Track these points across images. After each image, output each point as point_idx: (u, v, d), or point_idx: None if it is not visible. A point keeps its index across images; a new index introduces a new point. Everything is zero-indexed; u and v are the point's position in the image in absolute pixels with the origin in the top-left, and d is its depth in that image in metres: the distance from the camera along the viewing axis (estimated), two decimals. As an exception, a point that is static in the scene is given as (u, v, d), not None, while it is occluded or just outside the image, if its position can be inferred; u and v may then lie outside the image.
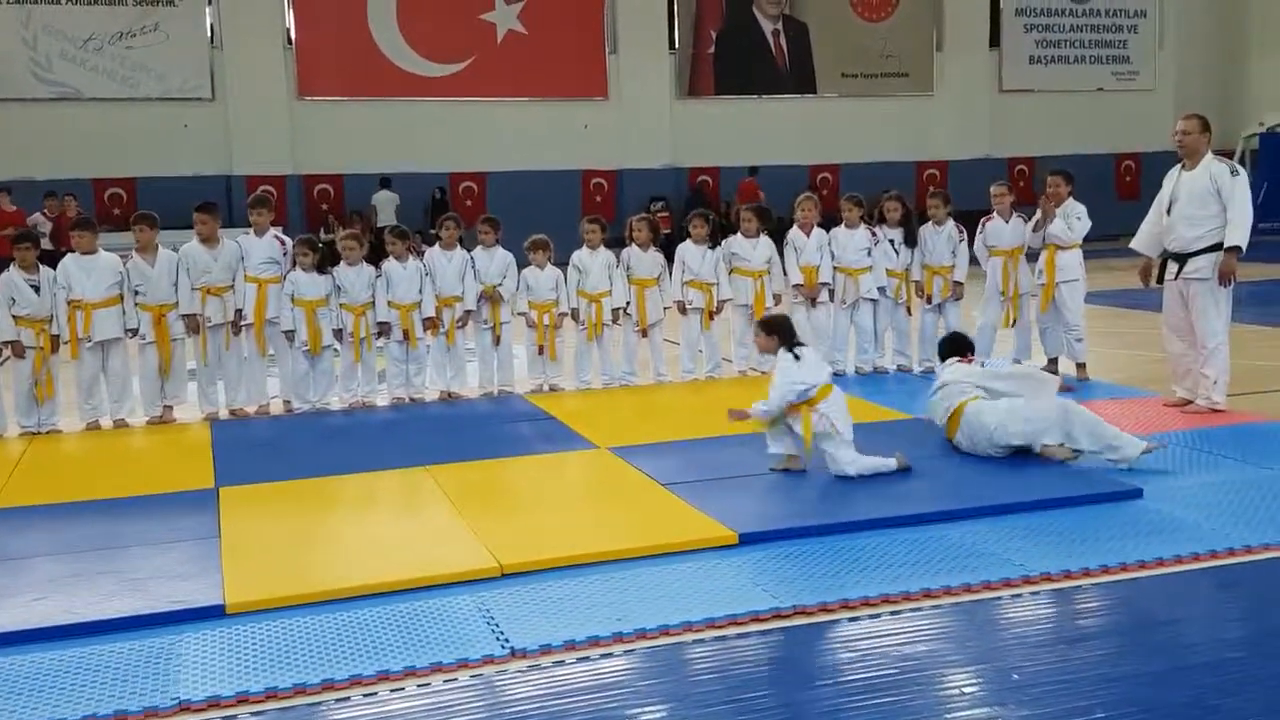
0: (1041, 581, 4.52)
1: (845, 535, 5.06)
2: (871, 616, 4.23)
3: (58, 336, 7.66)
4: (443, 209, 18.68)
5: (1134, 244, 7.73)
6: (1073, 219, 8.46)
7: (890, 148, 22.69)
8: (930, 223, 9.07)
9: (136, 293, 7.81)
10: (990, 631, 4.15)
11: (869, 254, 9.02)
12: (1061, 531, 5.06)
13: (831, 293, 9.02)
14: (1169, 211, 7.35)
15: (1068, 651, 3.92)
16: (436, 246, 8.66)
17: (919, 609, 4.29)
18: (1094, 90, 24.56)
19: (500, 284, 8.54)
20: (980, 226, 8.97)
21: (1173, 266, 7.37)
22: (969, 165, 22.22)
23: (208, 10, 19.57)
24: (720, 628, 4.12)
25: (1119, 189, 23.90)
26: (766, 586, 4.47)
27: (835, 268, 8.99)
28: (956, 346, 7.13)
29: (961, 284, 9.00)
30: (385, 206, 19.00)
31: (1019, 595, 4.43)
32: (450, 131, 20.62)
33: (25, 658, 3.98)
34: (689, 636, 4.06)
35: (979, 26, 23.80)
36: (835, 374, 8.85)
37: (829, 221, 9.52)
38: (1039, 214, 8.54)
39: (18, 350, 7.56)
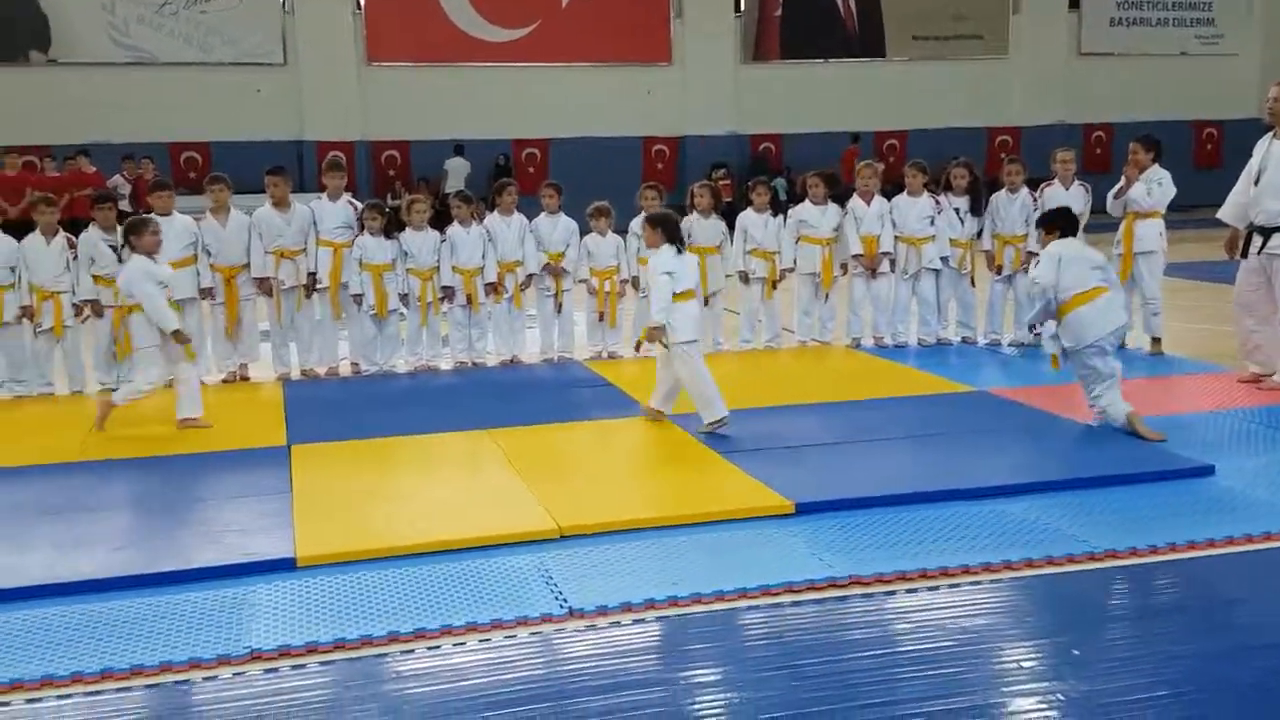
0: (1106, 558, 4.49)
1: (904, 507, 5.06)
2: (929, 589, 4.25)
3: (135, 295, 7.87)
4: (506, 175, 18.78)
5: (1221, 214, 7.53)
6: (1153, 184, 8.30)
7: (961, 113, 22.25)
8: (1004, 190, 8.94)
9: (209, 253, 8.00)
10: (1051, 607, 4.13)
11: (932, 223, 8.92)
12: (1129, 508, 5.02)
13: (893, 263, 8.96)
14: (1257, 182, 7.16)
15: (1132, 628, 3.92)
16: (495, 212, 8.75)
17: (978, 583, 4.29)
18: (1176, 54, 23.86)
19: (564, 252, 8.60)
20: (1039, 191, 8.83)
21: (1256, 240, 7.18)
22: (1043, 131, 21.72)
23: (279, -25, 19.81)
24: (775, 595, 4.17)
25: (1198, 158, 23.24)
26: (823, 556, 4.50)
27: (897, 237, 8.92)
28: (1069, 220, 6.73)
29: (1035, 254, 8.85)
30: (457, 173, 19.17)
31: (1083, 571, 4.40)
32: (514, 98, 20.66)
33: (106, 605, 4.16)
34: (743, 603, 4.12)
35: (1058, -13, 23.19)
36: (897, 346, 8.92)
37: (895, 190, 9.43)
38: (1122, 181, 8.41)
39: (96, 309, 7.80)
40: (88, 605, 4.15)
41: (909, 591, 4.23)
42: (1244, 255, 7.33)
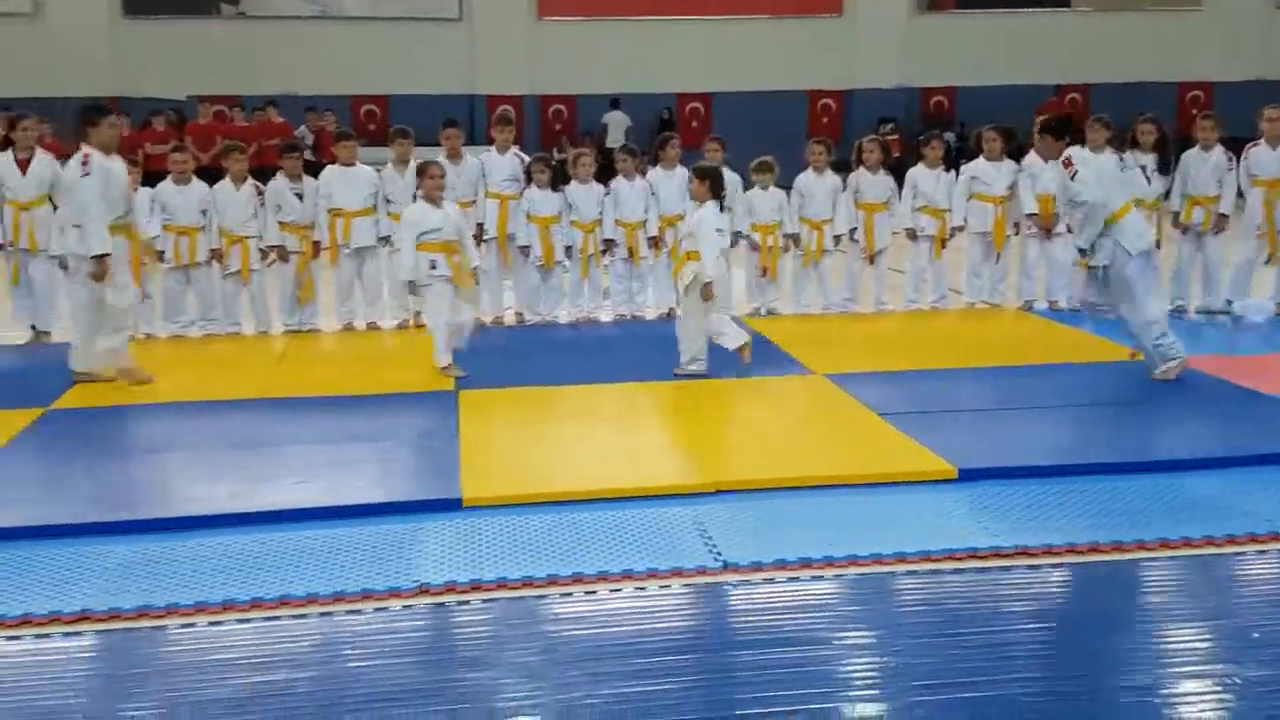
0: (1288, 537, 4.26)
1: (1074, 478, 4.89)
2: (1101, 563, 4.11)
3: (318, 242, 8.23)
4: (668, 129, 18.77)
5: None
6: None
7: (1148, 67, 21.04)
8: (1196, 148, 8.46)
9: (389, 201, 8.27)
10: (1230, 586, 3.96)
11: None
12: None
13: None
14: None
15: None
16: (658, 166, 8.75)
17: (1154, 559, 4.13)
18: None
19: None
20: (1244, 153, 8.30)
21: None
22: (1238, 88, 20.35)
23: (457, -69, 20.19)
24: (935, 561, 4.10)
25: None
26: (987, 524, 4.40)
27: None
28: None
29: (1227, 216, 8.38)
30: (617, 126, 19.30)
31: (1264, 551, 4.19)
32: (678, 51, 20.60)
33: (285, 535, 4.39)
34: (902, 567, 4.07)
35: (1258, -66, 21.64)
36: (1072, 310, 8.58)
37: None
38: None
39: (282, 254, 8.19)
40: (269, 535, 4.39)
41: (1077, 565, 4.10)
42: None
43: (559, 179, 8.62)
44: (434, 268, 6.69)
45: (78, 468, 5.24)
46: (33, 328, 8.07)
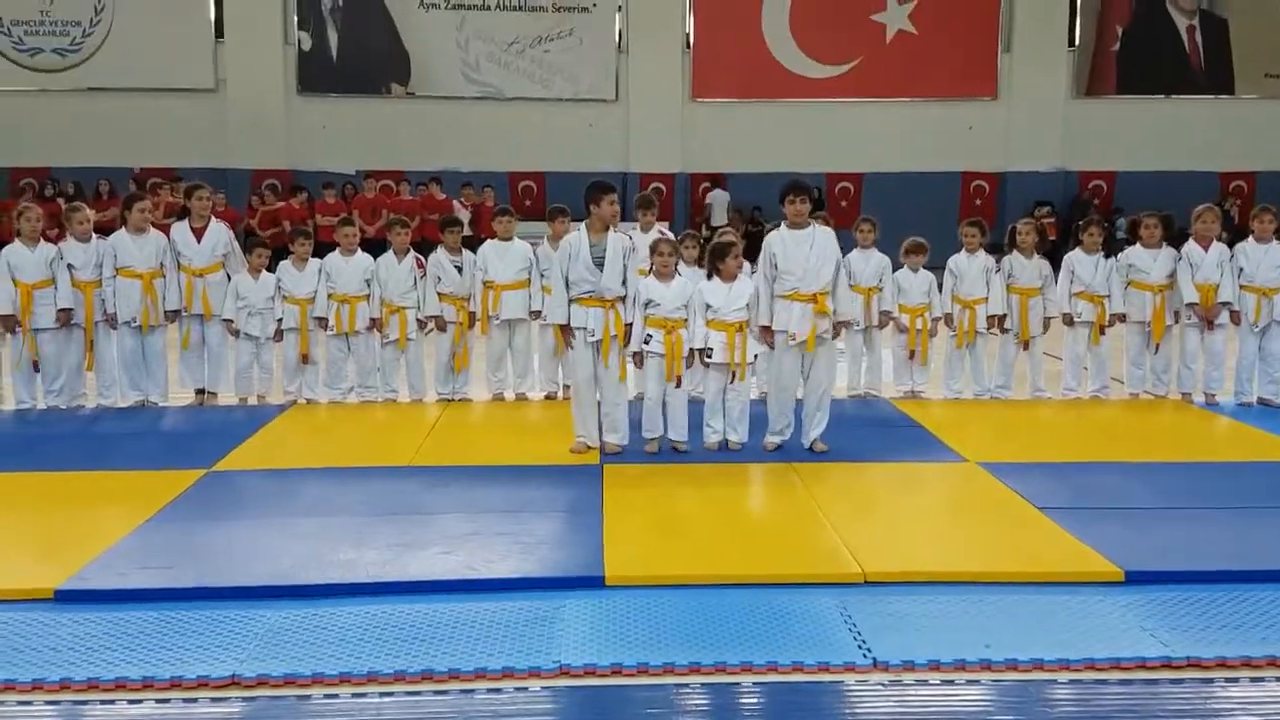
0: None
1: (1249, 585, 4.58)
2: (1278, 679, 3.82)
3: (474, 313, 8.44)
4: (819, 209, 18.72)
5: None
6: None
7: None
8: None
9: (543, 276, 8.44)
10: None
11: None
12: None
13: (1235, 314, 8.20)
14: None
15: None
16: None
17: (1336, 678, 3.82)
18: None
19: (878, 287, 8.45)
20: None
21: None
22: None
23: (617, 17, 20.79)
24: (1100, 670, 3.87)
25: None
26: (1155, 632, 4.14)
27: (1244, 286, 8.17)
28: None
29: None
30: (720, 206, 19.46)
31: None
32: (829, 131, 20.65)
33: (430, 607, 4.41)
34: (1064, 675, 3.85)
35: None
36: (1241, 405, 8.14)
37: (1236, 236, 8.66)
38: None
39: (440, 324, 8.42)
40: (413, 606, 4.41)
41: (1254, 680, 3.83)
42: None
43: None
44: (647, 342, 6.76)
45: (233, 530, 5.40)
46: (199, 390, 8.47)
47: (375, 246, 8.83)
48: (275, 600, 4.48)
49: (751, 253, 7.45)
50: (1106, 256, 8.64)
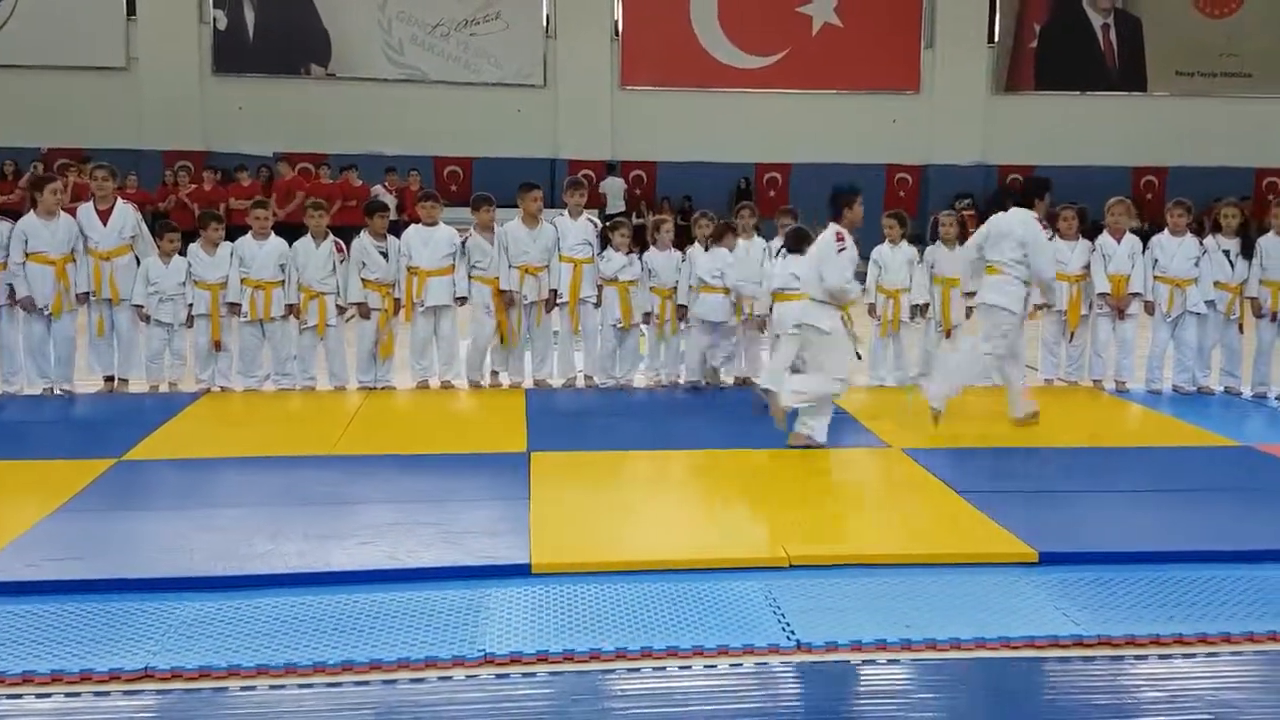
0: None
1: (1157, 565, 4.72)
2: (1185, 655, 3.95)
3: (399, 300, 8.33)
4: (747, 198, 18.84)
5: None
6: None
7: (1227, 152, 20.80)
8: (1271, 233, 8.29)
9: (475, 267, 8.34)
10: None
11: (1196, 264, 8.35)
12: None
13: (1148, 305, 8.44)
14: None
15: None
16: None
17: (1239, 653, 3.97)
18: None
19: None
20: None
21: None
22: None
23: (544, 1, 20.61)
24: (1015, 649, 3.96)
25: None
26: (1067, 611, 4.24)
27: (1158, 277, 8.41)
28: None
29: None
30: (615, 193, 19.28)
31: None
32: (758, 122, 20.76)
33: (351, 597, 4.33)
34: (982, 654, 3.93)
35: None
36: (1151, 392, 8.38)
37: (1152, 229, 8.91)
38: None
39: (364, 311, 8.29)
40: (333, 597, 4.33)
41: (1162, 658, 3.94)
42: None
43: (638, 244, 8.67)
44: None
45: (146, 521, 5.27)
46: (108, 378, 8.23)
47: (290, 232, 8.64)
48: (190, 592, 4.38)
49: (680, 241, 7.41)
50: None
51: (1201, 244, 8.45)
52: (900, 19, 21.08)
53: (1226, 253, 8.37)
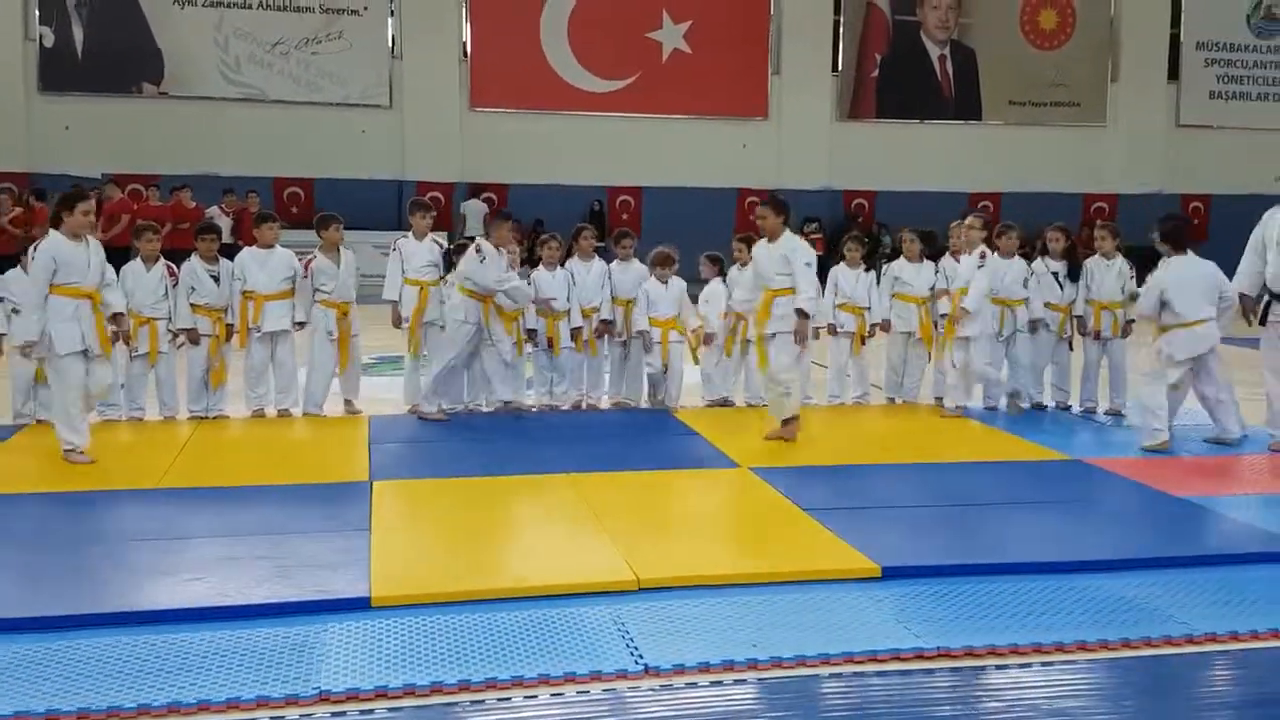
0: (1205, 641, 4.25)
1: (997, 577, 4.84)
2: (1021, 665, 4.05)
3: (232, 325, 7.99)
4: (600, 221, 18.90)
5: (1236, 286, 7.55)
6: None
7: (1057, 178, 22.00)
8: (1097, 255, 8.71)
9: (320, 290, 8.08)
10: (1148, 691, 3.90)
11: (1025, 285, 8.71)
12: (1230, 590, 4.75)
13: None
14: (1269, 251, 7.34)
15: (1234, 718, 3.66)
16: (575, 257, 8.75)
17: (1073, 662, 4.08)
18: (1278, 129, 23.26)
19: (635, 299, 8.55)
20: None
21: (1276, 307, 7.31)
22: (1140, 200, 21.26)
23: (389, 21, 20.32)
24: (859, 663, 4.00)
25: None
26: (910, 624, 4.31)
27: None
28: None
29: (1134, 322, 8.57)
30: (475, 215, 19.03)
31: (1182, 655, 4.16)
32: (610, 145, 20.92)
33: (177, 637, 4.10)
34: (825, 670, 3.95)
35: (1157, 58, 22.97)
36: (988, 408, 8.67)
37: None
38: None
39: (193, 336, 7.92)
40: (159, 636, 4.10)
41: (999, 668, 4.03)
42: (1262, 322, 7.49)
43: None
44: None
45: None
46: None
47: (117, 256, 8.18)
48: (3, 634, 4.08)
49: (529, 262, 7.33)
50: (867, 270, 9.05)
51: (1030, 266, 8.81)
52: (748, 46, 21.58)
53: (1055, 274, 8.75)
